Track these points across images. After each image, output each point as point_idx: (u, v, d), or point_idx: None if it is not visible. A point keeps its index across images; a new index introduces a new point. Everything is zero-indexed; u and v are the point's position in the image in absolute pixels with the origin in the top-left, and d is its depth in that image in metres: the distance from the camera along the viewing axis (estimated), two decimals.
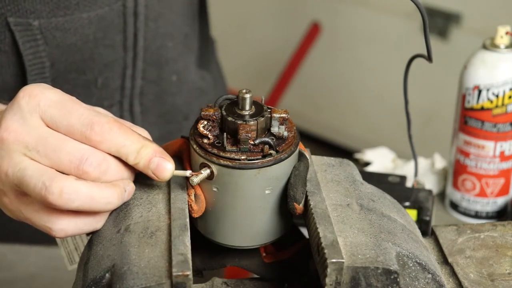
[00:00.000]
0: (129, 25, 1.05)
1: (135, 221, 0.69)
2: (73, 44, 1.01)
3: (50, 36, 0.99)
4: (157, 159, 0.69)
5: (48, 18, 0.97)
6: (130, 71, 1.08)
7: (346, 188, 0.74)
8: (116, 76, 1.08)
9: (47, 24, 0.98)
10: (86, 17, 1.00)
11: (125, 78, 1.08)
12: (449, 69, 2.00)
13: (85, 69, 1.04)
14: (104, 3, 1.01)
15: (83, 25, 1.00)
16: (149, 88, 1.12)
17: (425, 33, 0.79)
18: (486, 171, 1.03)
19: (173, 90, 1.16)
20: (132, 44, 1.06)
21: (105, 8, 1.01)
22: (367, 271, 0.65)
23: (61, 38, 0.99)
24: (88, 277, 0.67)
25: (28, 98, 0.69)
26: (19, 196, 0.70)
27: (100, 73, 1.06)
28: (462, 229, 0.78)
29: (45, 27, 0.98)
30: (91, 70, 1.05)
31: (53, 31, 0.99)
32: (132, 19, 1.05)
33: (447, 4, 2.55)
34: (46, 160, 0.68)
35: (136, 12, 1.04)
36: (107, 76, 1.06)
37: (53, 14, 0.97)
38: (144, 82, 1.11)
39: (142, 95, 1.11)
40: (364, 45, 2.77)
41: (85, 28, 1.01)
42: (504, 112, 0.99)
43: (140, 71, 1.09)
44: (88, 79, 1.05)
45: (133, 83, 1.09)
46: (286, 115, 0.71)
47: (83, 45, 1.02)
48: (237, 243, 0.73)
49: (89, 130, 0.68)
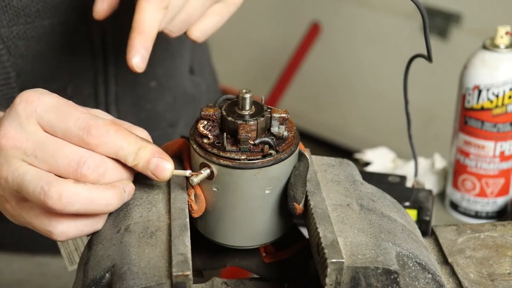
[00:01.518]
0: (95, 30, 1.02)
1: (135, 221, 0.69)
2: (38, 52, 0.99)
3: (13, 46, 0.97)
4: (156, 159, 0.69)
5: (9, 27, 0.95)
6: (102, 77, 1.06)
7: (346, 188, 0.74)
8: (87, 83, 1.05)
9: (9, 33, 0.96)
10: (49, 24, 0.98)
11: (98, 84, 1.06)
12: (449, 69, 2.00)
13: (53, 77, 1.02)
14: (66, 9, 0.98)
15: (46, 33, 0.98)
16: (124, 93, 1.09)
17: (425, 33, 0.79)
18: (486, 171, 1.03)
19: (152, 96, 1.13)
20: (100, 49, 1.04)
21: (68, 14, 0.98)
22: (367, 271, 0.65)
23: (25, 47, 0.97)
24: (88, 277, 0.67)
25: (24, 104, 0.69)
26: (20, 201, 0.70)
27: (69, 81, 1.03)
28: (462, 229, 0.78)
29: (7, 36, 0.96)
30: (60, 78, 1.02)
31: (15, 40, 0.96)
32: (98, 24, 1.01)
33: (447, 4, 2.55)
34: (45, 164, 0.68)
35: None
36: (77, 83, 1.04)
37: (14, 22, 0.95)
38: (118, 88, 1.08)
39: (118, 101, 1.09)
40: (364, 45, 2.77)
41: (49, 36, 0.98)
42: (504, 112, 0.99)
43: (113, 77, 1.07)
44: (57, 88, 1.01)
45: (106, 89, 1.07)
46: (286, 115, 0.71)
47: (48, 53, 1.00)
48: (237, 243, 0.73)
49: (86, 133, 0.68)
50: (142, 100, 1.12)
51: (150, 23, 0.79)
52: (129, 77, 1.09)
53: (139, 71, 0.79)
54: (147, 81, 1.12)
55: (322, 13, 2.80)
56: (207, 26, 0.90)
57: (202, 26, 0.89)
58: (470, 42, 1.72)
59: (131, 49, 0.78)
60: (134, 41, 0.79)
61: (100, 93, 1.07)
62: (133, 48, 0.78)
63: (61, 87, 1.03)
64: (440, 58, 2.27)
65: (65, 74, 1.03)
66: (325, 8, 2.80)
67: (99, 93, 1.07)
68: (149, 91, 1.13)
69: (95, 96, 1.07)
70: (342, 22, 2.79)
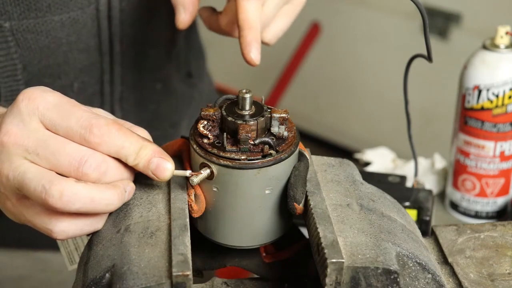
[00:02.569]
0: (103, 29, 1.03)
1: (135, 221, 0.69)
2: (46, 47, 0.99)
3: (21, 39, 0.97)
4: (156, 159, 0.69)
5: (19, 20, 0.96)
6: (108, 76, 1.06)
7: (346, 188, 0.74)
8: (93, 81, 1.06)
9: (18, 26, 0.96)
10: (58, 20, 0.98)
11: (103, 83, 1.07)
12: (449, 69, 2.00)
13: (60, 73, 1.02)
14: (76, 6, 0.99)
15: (55, 28, 0.99)
16: (129, 93, 1.10)
17: (425, 33, 0.79)
18: (486, 171, 1.03)
19: (157, 98, 1.14)
20: (108, 48, 1.04)
21: (78, 11, 0.99)
22: (367, 271, 0.65)
23: (33, 40, 0.98)
24: (88, 277, 0.67)
25: (27, 102, 0.69)
26: (21, 199, 0.70)
27: (75, 78, 1.04)
28: (462, 229, 0.78)
29: (16, 29, 0.96)
30: (66, 74, 1.03)
31: (24, 33, 0.97)
32: (106, 23, 1.02)
33: (447, 4, 2.55)
34: (46, 163, 0.68)
35: (110, 16, 1.02)
36: (84, 81, 1.05)
37: (24, 16, 0.96)
38: (123, 88, 1.09)
39: (122, 100, 1.10)
40: (364, 45, 2.77)
41: (57, 31, 0.99)
42: (504, 112, 0.99)
43: (119, 76, 1.07)
44: (63, 84, 1.03)
45: (112, 89, 1.08)
46: (286, 115, 0.71)
47: (56, 48, 1.00)
48: (237, 243, 0.73)
49: (88, 132, 0.68)
50: (146, 100, 1.13)
51: (254, 19, 0.84)
52: (134, 78, 1.10)
53: (257, 63, 0.84)
54: (152, 83, 1.12)
55: (322, 13, 2.80)
56: (278, 28, 0.92)
57: (274, 29, 0.92)
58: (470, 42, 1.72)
59: (246, 45, 0.83)
60: (248, 38, 0.83)
61: (105, 91, 1.08)
62: (248, 43, 0.83)
63: (67, 83, 1.04)
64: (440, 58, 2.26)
65: (72, 71, 1.03)
66: (325, 8, 2.80)
67: (104, 91, 1.08)
68: (154, 93, 1.13)
69: (100, 94, 1.07)
70: (342, 22, 2.79)
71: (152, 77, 1.12)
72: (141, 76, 1.10)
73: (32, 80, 1.00)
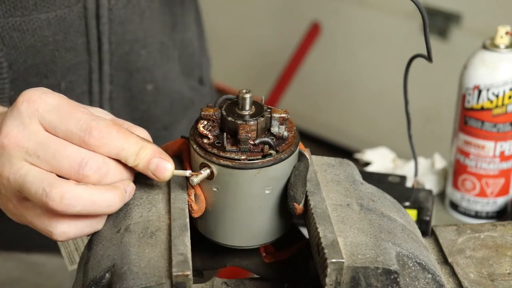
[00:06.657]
0: (91, 27, 1.02)
1: (135, 221, 0.69)
2: (32, 45, 0.99)
3: (7, 37, 0.97)
4: (156, 159, 0.69)
5: (4, 18, 0.96)
6: (97, 75, 1.06)
7: (346, 188, 0.74)
8: (81, 80, 1.05)
9: (4, 24, 0.96)
10: (45, 18, 0.98)
11: (92, 82, 1.06)
12: (449, 69, 2.00)
13: (47, 73, 1.02)
14: (63, 4, 0.98)
15: (41, 26, 0.98)
16: (118, 92, 1.09)
17: (425, 33, 0.79)
18: (486, 171, 1.03)
19: (148, 99, 1.13)
20: (96, 47, 1.04)
21: (65, 9, 0.99)
22: (367, 271, 0.65)
23: (19, 39, 0.98)
24: (88, 277, 0.67)
25: (27, 104, 0.69)
26: (21, 201, 0.70)
27: (63, 77, 1.03)
28: (462, 229, 0.78)
29: (2, 27, 0.96)
30: (53, 73, 1.02)
31: (10, 32, 0.97)
32: (94, 22, 1.02)
33: (447, 4, 2.55)
34: (46, 165, 0.68)
35: (98, 14, 1.02)
36: (71, 80, 1.04)
37: (10, 14, 0.96)
38: (112, 87, 1.08)
39: (112, 100, 1.09)
40: (364, 45, 2.77)
41: (43, 30, 0.99)
42: (504, 112, 0.99)
43: (108, 76, 1.07)
44: (50, 83, 1.02)
45: (101, 88, 1.07)
46: (286, 115, 0.71)
47: (42, 47, 1.00)
48: (237, 243, 0.73)
49: (87, 135, 0.68)
50: (136, 101, 1.12)
51: None
52: (124, 77, 1.09)
53: None
54: (143, 83, 1.12)
55: (322, 13, 2.80)
56: None
57: None
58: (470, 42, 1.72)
59: None
60: None
61: (94, 91, 1.07)
62: None
63: (55, 82, 1.03)
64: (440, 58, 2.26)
65: (59, 70, 1.03)
66: (325, 8, 2.80)
67: (93, 90, 1.07)
68: (145, 94, 1.13)
69: (89, 93, 1.07)
70: (342, 22, 2.79)
71: (143, 78, 1.11)
72: (131, 76, 1.10)
73: (18, 79, 1.00)
